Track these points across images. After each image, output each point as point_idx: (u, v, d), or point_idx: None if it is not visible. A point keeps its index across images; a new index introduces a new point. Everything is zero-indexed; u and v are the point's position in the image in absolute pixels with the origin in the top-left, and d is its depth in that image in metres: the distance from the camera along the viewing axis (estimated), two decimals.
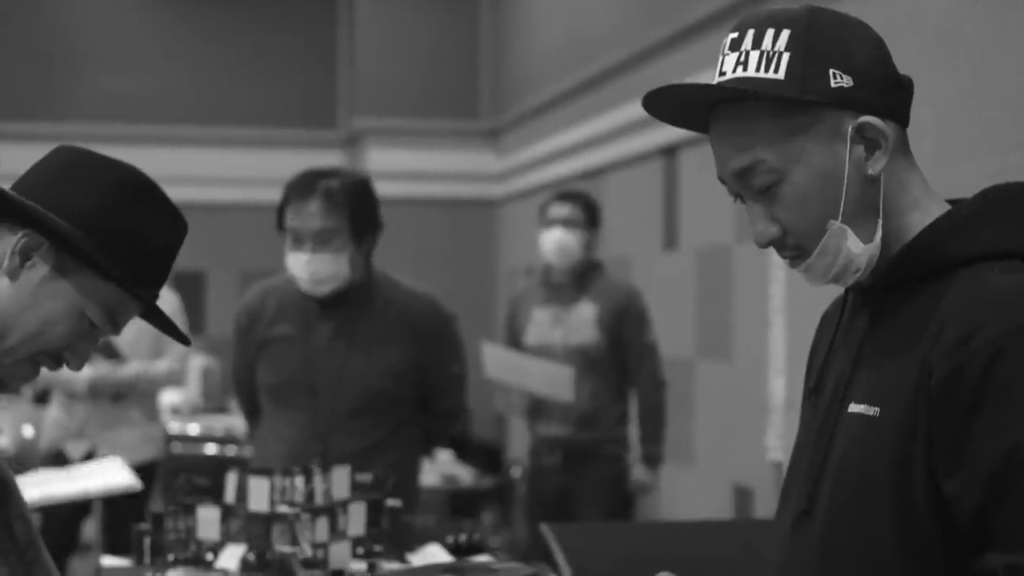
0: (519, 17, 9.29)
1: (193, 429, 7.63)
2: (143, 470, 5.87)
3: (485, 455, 8.63)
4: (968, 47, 3.56)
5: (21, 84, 9.79)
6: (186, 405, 8.18)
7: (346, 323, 4.02)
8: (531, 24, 9.01)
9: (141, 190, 2.10)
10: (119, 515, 5.92)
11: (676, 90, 1.82)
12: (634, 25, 6.93)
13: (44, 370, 2.20)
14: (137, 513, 5.73)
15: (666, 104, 1.86)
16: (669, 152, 6.50)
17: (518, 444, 8.42)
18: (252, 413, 4.24)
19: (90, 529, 6.93)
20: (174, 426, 7.56)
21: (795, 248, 1.81)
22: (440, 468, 7.14)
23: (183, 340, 2.23)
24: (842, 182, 1.77)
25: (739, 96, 1.79)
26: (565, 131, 8.02)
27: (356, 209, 3.94)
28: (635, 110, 6.65)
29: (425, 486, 6.67)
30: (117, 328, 2.12)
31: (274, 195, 4.28)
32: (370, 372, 3.99)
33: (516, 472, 7.28)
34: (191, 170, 9.55)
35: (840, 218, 1.76)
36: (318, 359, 3.98)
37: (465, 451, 8.27)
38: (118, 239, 2.05)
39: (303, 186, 3.92)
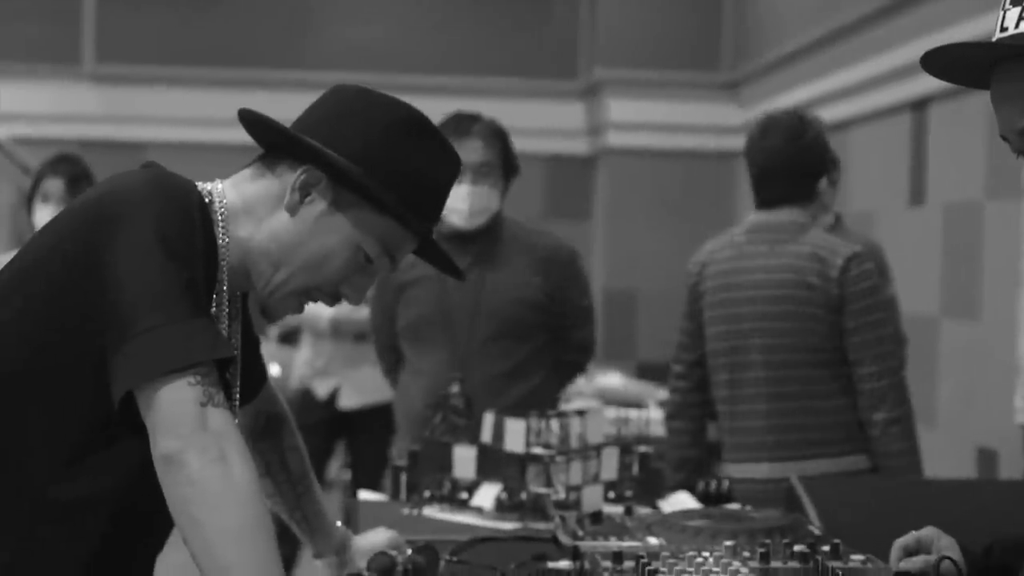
0: None
1: None
2: (384, 410, 6.02)
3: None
4: None
5: (269, 32, 10.04)
6: None
7: (479, 257, 4.23)
8: None
9: (417, 127, 2.16)
10: (362, 454, 6.09)
11: (957, 49, 1.80)
12: None
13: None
14: (378, 453, 5.91)
15: (942, 61, 1.83)
16: (919, 106, 6.38)
17: None
18: (393, 360, 4.48)
19: (333, 468, 7.14)
20: None
21: None
22: None
23: (458, 275, 2.29)
24: None
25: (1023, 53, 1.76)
26: (809, 84, 7.92)
27: (506, 147, 4.22)
28: (884, 63, 6.55)
29: (660, 436, 6.66)
30: (394, 263, 2.18)
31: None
32: (504, 300, 4.21)
33: None
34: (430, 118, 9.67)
35: None
36: (454, 293, 4.19)
37: None
38: (395, 174, 2.10)
39: (460, 123, 4.15)
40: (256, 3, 10.02)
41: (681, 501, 3.22)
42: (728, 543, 2.26)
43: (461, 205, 4.10)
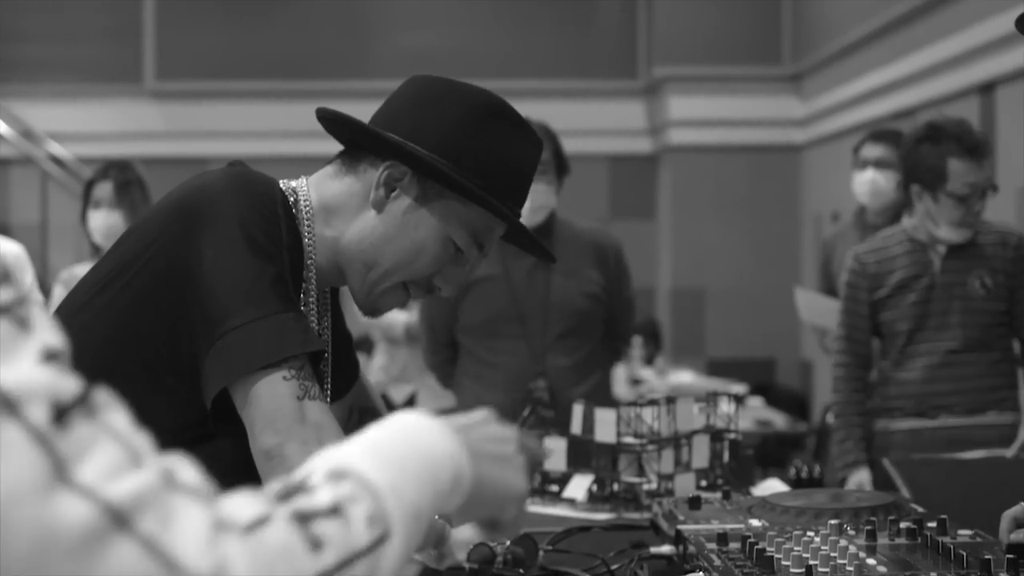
0: None
1: None
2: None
3: (790, 401, 8.58)
4: None
5: (327, 43, 10.08)
6: None
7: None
8: None
9: (495, 110, 2.14)
10: None
11: None
12: None
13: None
14: None
15: None
16: (986, 89, 6.32)
17: (825, 390, 8.31)
18: (449, 356, 4.56)
19: None
20: None
21: None
22: (752, 413, 7.11)
23: (550, 259, 2.28)
24: None
25: None
26: (872, 72, 7.86)
27: (557, 146, 4.34)
28: (949, 47, 6.49)
29: (748, 428, 6.64)
30: (483, 251, 2.17)
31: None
32: (572, 295, 4.38)
33: (831, 418, 7.20)
34: None
35: None
36: (524, 290, 4.35)
37: (771, 397, 8.23)
38: (478, 162, 2.09)
39: None
40: (312, 15, 10.06)
41: (773, 487, 3.19)
42: (833, 522, 2.23)
43: None
